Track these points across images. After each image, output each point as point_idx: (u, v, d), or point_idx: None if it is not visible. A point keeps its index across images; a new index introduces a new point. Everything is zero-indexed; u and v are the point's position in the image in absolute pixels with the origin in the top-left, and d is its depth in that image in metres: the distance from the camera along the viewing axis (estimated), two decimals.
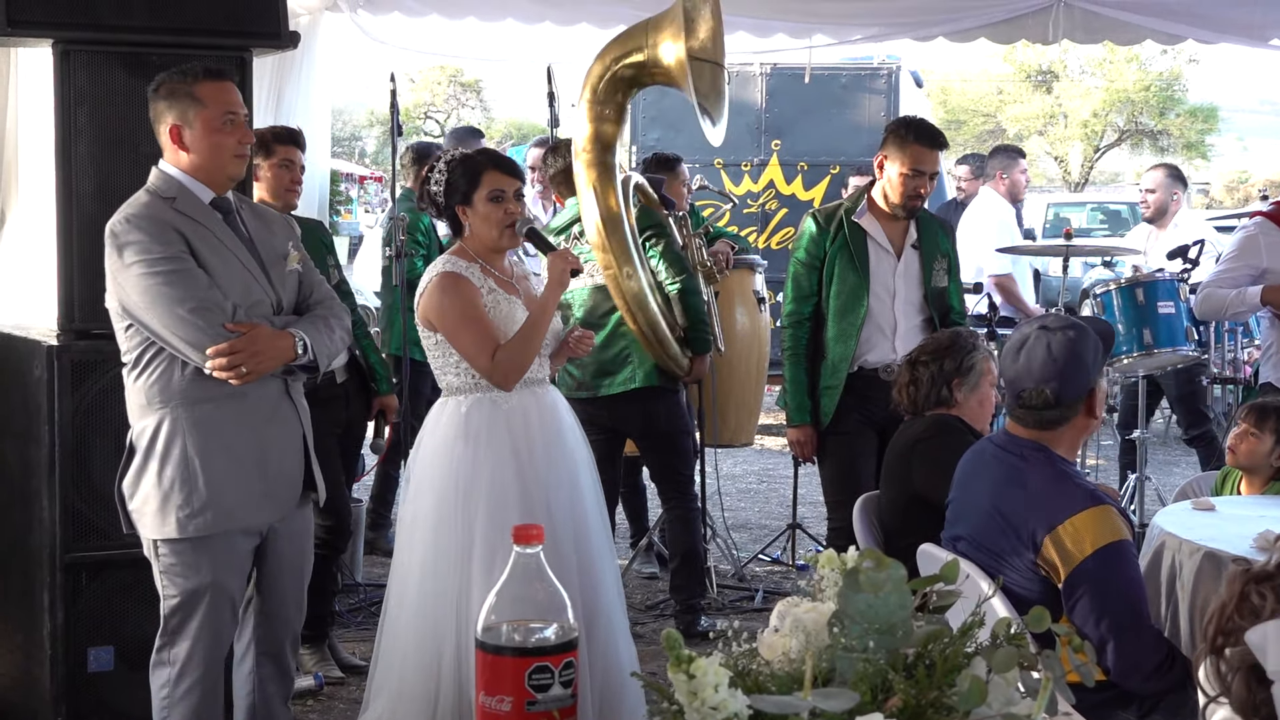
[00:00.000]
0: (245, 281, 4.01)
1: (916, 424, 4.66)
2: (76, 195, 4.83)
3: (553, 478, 4.47)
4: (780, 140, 11.98)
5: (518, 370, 4.46)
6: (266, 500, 4.09)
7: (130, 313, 3.93)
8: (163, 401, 3.95)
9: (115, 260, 3.92)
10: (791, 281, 5.92)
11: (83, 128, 4.82)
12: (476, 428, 4.45)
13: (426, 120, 50.34)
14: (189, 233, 3.94)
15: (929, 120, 6.09)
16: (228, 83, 4.09)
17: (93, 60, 4.81)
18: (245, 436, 4.02)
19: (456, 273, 4.51)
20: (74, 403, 4.71)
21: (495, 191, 4.54)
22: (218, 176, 4.06)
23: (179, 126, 4.02)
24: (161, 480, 3.96)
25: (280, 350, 3.98)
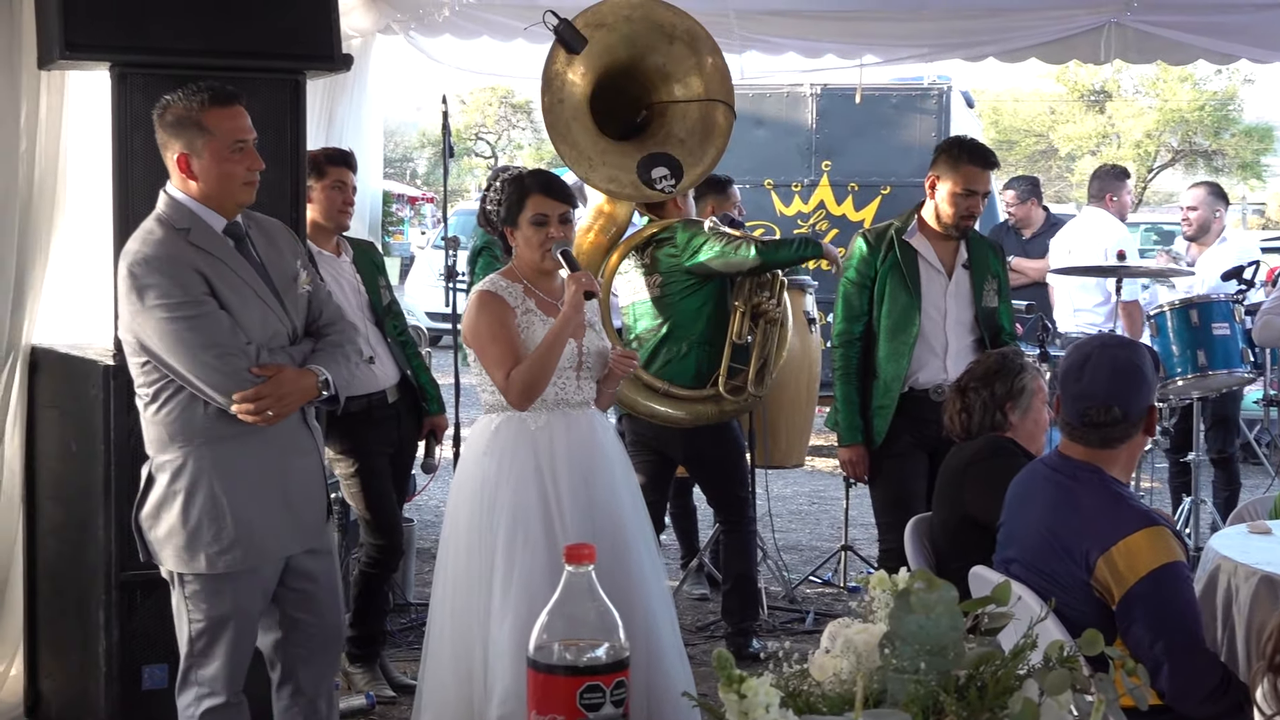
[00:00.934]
0: (263, 314, 3.98)
1: (969, 445, 4.64)
2: (133, 217, 4.87)
3: (579, 501, 4.48)
4: (831, 161, 11.96)
5: (529, 389, 4.48)
6: (293, 530, 4.08)
7: (150, 353, 3.89)
8: (185, 439, 3.93)
9: (134, 301, 3.86)
10: (842, 301, 5.91)
11: (138, 150, 4.86)
12: (502, 445, 4.51)
13: (477, 141, 50.55)
14: (207, 270, 3.89)
15: (980, 140, 6.08)
16: (236, 107, 3.98)
17: (149, 83, 4.86)
18: (269, 470, 4.01)
19: (493, 291, 4.58)
20: (129, 422, 4.75)
21: (538, 215, 4.57)
22: (227, 204, 3.99)
23: (187, 156, 3.94)
24: (188, 517, 3.94)
25: (305, 390, 3.96)
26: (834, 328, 5.94)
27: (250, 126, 4.01)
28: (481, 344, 4.54)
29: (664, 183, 6.03)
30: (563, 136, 5.93)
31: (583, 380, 4.63)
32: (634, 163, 6.02)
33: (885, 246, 5.82)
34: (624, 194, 6.07)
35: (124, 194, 4.89)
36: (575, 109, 5.96)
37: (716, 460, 6.33)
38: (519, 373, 4.47)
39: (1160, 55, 8.50)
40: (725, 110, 6.18)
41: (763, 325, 6.19)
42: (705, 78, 6.16)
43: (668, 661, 4.52)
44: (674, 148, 6.11)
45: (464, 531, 4.48)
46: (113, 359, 4.83)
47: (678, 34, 6.13)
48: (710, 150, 6.17)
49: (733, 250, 6.01)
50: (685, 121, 6.16)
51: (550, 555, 4.32)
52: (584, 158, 5.97)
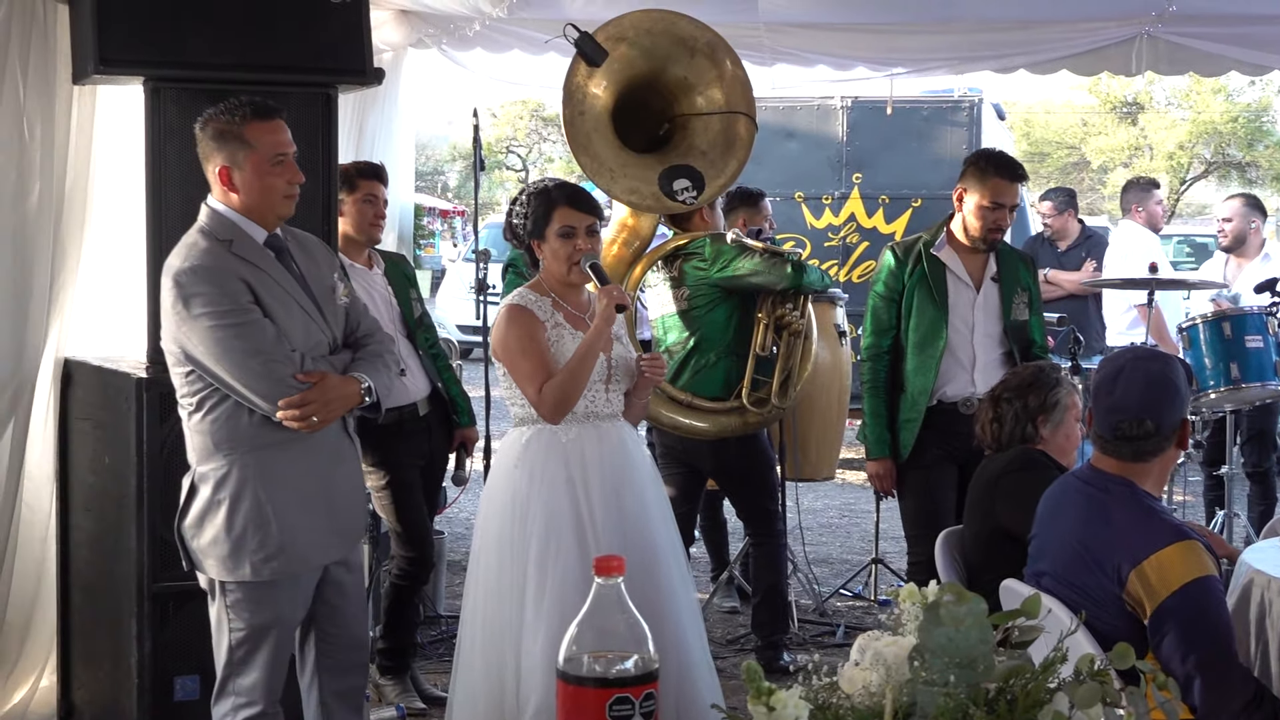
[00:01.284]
0: (305, 324, 4.03)
1: (1000, 457, 4.63)
2: (166, 230, 4.91)
3: (611, 512, 4.49)
4: (861, 173, 11.95)
5: (562, 404, 4.49)
6: (335, 538, 4.13)
7: (195, 361, 3.93)
8: (230, 447, 3.97)
9: (180, 310, 3.91)
10: (870, 315, 5.91)
11: (172, 164, 4.91)
12: (533, 458, 4.52)
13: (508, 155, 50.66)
14: (251, 280, 3.95)
15: (1009, 153, 6.06)
16: (277, 121, 4.04)
17: (182, 97, 4.90)
18: (312, 478, 4.05)
19: (522, 305, 4.59)
20: (162, 434, 4.78)
21: (566, 228, 4.58)
22: (268, 216, 4.05)
23: (228, 168, 4.00)
24: (233, 525, 3.98)
25: (348, 396, 4.02)
26: (863, 341, 5.94)
27: (290, 140, 4.07)
28: (512, 358, 4.56)
29: (685, 194, 6.04)
30: (584, 148, 5.95)
31: (612, 392, 4.65)
32: (655, 175, 6.03)
33: (913, 260, 5.82)
34: (645, 206, 6.08)
35: (157, 207, 4.93)
36: (596, 121, 5.97)
37: (744, 472, 6.33)
38: (551, 387, 4.48)
39: (1192, 67, 8.47)
40: (747, 122, 6.18)
41: (786, 337, 6.18)
42: (726, 89, 6.17)
43: (697, 674, 4.52)
44: (696, 159, 6.12)
45: (495, 544, 4.50)
46: (146, 371, 4.86)
47: (699, 46, 6.15)
48: (732, 162, 6.18)
49: (770, 267, 6.01)
50: (707, 133, 6.17)
51: (583, 567, 4.33)
52: (605, 169, 5.99)
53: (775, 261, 6.04)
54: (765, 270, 6.01)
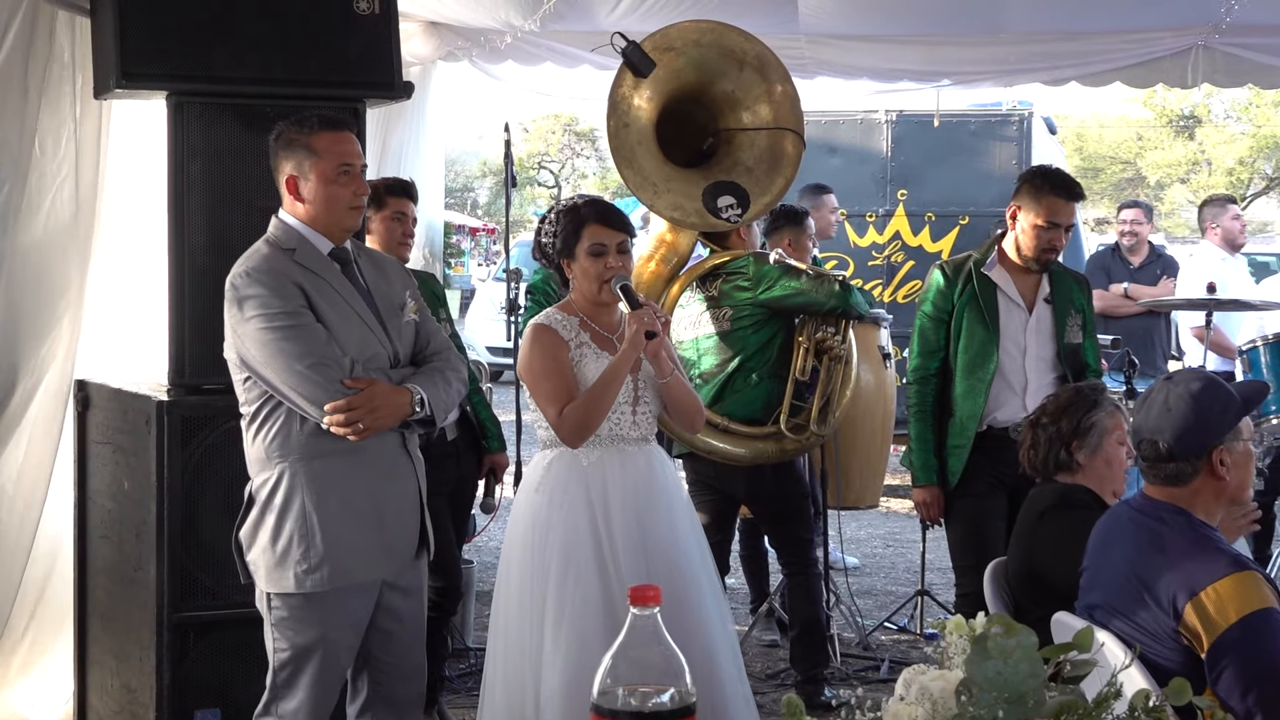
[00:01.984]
0: (362, 335, 4.10)
1: (1044, 493, 4.60)
2: (189, 249, 4.95)
3: (632, 539, 4.48)
4: (906, 190, 11.95)
5: (582, 428, 4.51)
6: (383, 555, 4.16)
7: (249, 366, 4.04)
8: (281, 455, 4.05)
9: (235, 313, 4.04)
10: (918, 336, 5.90)
11: (195, 180, 4.94)
12: (554, 482, 4.54)
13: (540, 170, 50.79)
14: (308, 285, 4.05)
15: (1064, 169, 6.05)
16: (345, 133, 4.18)
17: (206, 112, 4.94)
18: (363, 491, 4.10)
19: (546, 325, 4.62)
20: (183, 459, 4.81)
21: (596, 245, 4.60)
22: (334, 228, 4.17)
23: (295, 178, 4.14)
24: (279, 534, 4.04)
25: (397, 406, 4.07)
26: (909, 363, 5.93)
27: (359, 154, 4.21)
28: (534, 379, 4.59)
29: (730, 212, 6.04)
30: (628, 162, 5.96)
31: (639, 415, 4.65)
32: (699, 191, 6.04)
33: (963, 279, 5.80)
34: (688, 223, 6.08)
35: (180, 225, 4.96)
36: (641, 134, 5.99)
37: (778, 499, 6.29)
38: (572, 410, 4.50)
39: (1251, 78, 8.44)
40: (794, 139, 6.19)
41: (826, 362, 6.16)
42: (775, 105, 6.18)
43: (733, 708, 4.52)
44: (741, 177, 6.12)
45: (517, 570, 4.51)
46: (166, 394, 4.89)
47: (748, 60, 6.15)
48: (778, 180, 6.18)
49: (817, 287, 6.02)
50: (753, 150, 6.17)
51: (603, 595, 4.35)
52: (649, 184, 6.00)
53: (821, 282, 6.05)
54: (811, 290, 6.02)
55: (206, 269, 4.85)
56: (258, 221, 4.34)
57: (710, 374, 6.15)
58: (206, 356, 4.73)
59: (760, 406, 6.11)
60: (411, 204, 5.94)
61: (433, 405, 4.13)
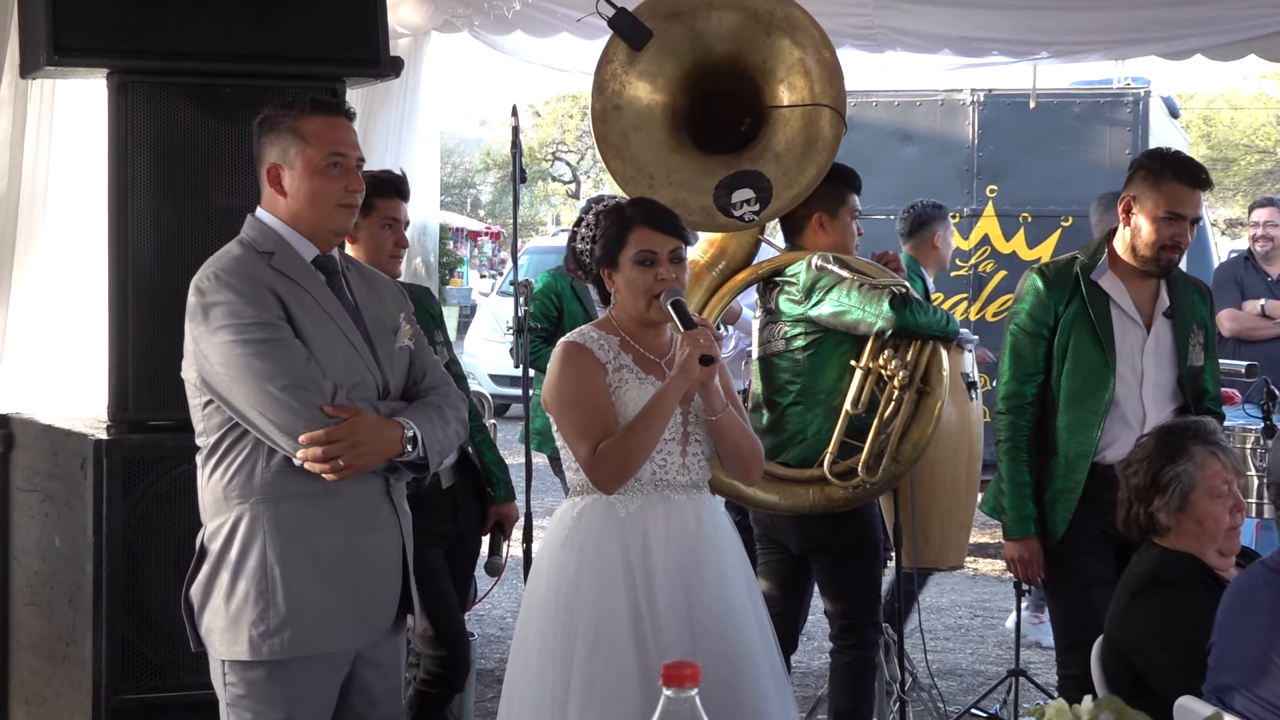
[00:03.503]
0: (347, 357, 4.10)
1: (1139, 569, 4.56)
2: (133, 256, 4.97)
3: (677, 608, 4.46)
4: (997, 185, 11.93)
5: (619, 470, 4.48)
6: (356, 622, 4.15)
7: (212, 387, 4.04)
8: (242, 496, 4.05)
9: (199, 323, 4.03)
10: (1010, 355, 5.80)
11: (141, 175, 4.97)
12: (584, 535, 4.52)
13: (555, 163, 50.95)
14: (286, 296, 4.05)
15: (1188, 154, 6.00)
16: (339, 118, 4.19)
17: (154, 94, 4.97)
18: (336, 543, 4.09)
19: (579, 343, 4.59)
20: (126, 510, 4.82)
21: (644, 254, 4.57)
22: (319, 229, 4.16)
23: (278, 166, 4.14)
24: (234, 590, 4.04)
25: (385, 442, 4.07)
26: (1000, 389, 5.83)
27: (355, 144, 4.20)
28: (562, 408, 4.57)
29: (745, 209, 5.98)
30: (616, 151, 5.94)
31: (689, 457, 4.63)
32: (715, 183, 6.02)
33: (1069, 288, 5.73)
34: (690, 222, 5.96)
35: (123, 228, 4.98)
36: (639, 117, 5.97)
37: (834, 553, 6.12)
38: (609, 448, 4.47)
39: None
40: (833, 118, 6.11)
41: (889, 392, 6.04)
42: (810, 75, 6.13)
43: None
44: (768, 164, 6.07)
45: (535, 640, 4.50)
46: (106, 432, 4.91)
47: (775, 22, 6.11)
48: (809, 168, 6.09)
49: (865, 303, 5.91)
50: (786, 131, 6.12)
51: (641, 674, 4.33)
52: (642, 176, 5.98)
53: (872, 295, 5.91)
54: (858, 307, 5.89)
55: (154, 280, 4.87)
56: (217, 223, 4.38)
57: (768, 402, 6.09)
58: (154, 385, 4.76)
59: (816, 447, 6.02)
60: (403, 204, 5.86)
61: (427, 445, 4.13)
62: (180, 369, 4.11)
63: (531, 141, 47.07)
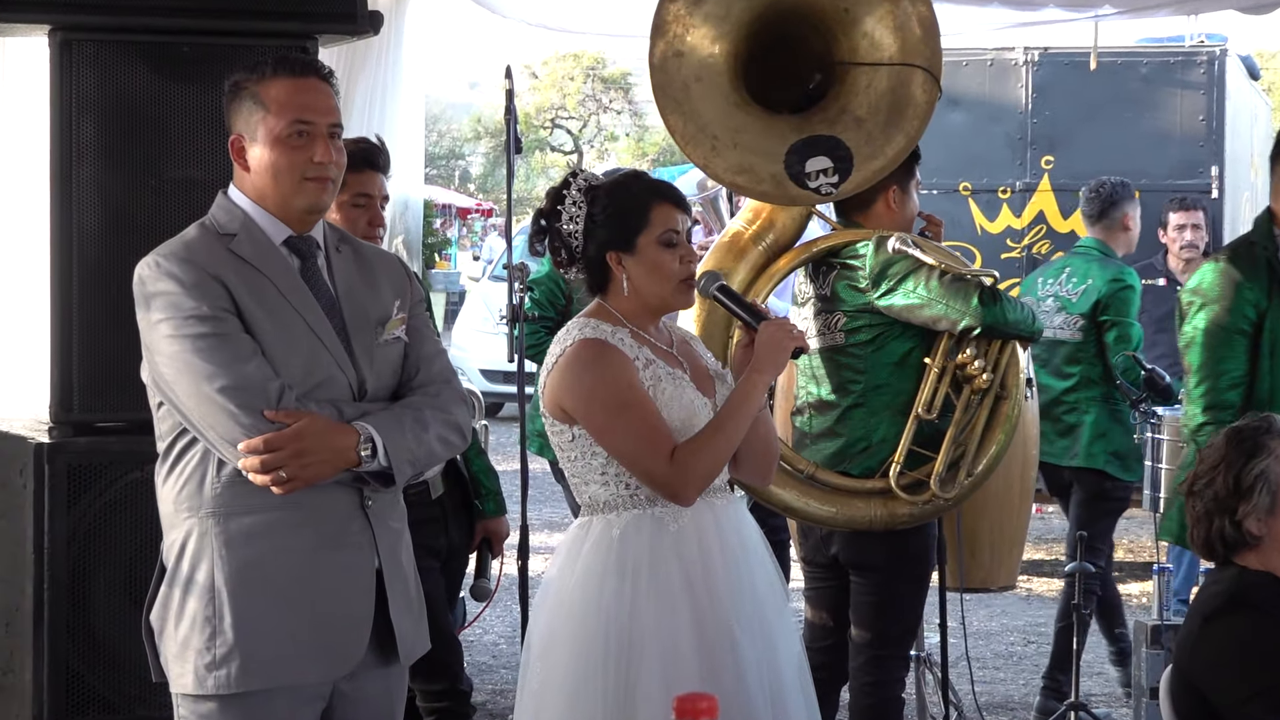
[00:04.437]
0: (310, 353, 4.05)
1: (1218, 585, 4.53)
2: (78, 236, 4.95)
3: (752, 623, 4.45)
4: (1053, 156, 11.90)
5: (704, 477, 4.45)
6: (320, 652, 4.10)
7: (159, 386, 4.03)
8: (191, 509, 4.02)
9: (143, 315, 4.02)
10: (1204, 353, 5.58)
11: (88, 145, 4.95)
12: (636, 559, 4.44)
13: (554, 130, 50.96)
14: (241, 284, 4.00)
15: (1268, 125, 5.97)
16: (309, 80, 4.13)
17: (103, 54, 4.95)
18: (296, 563, 4.04)
19: (602, 340, 4.52)
20: (71, 523, 4.80)
21: (669, 234, 4.53)
22: (290, 208, 4.12)
23: (241, 138, 4.12)
24: (182, 615, 4.02)
25: (336, 451, 4.00)
26: (1192, 392, 5.69)
27: (328, 109, 4.13)
28: (607, 416, 4.47)
29: (821, 180, 5.85)
30: (676, 104, 5.82)
31: None
32: (785, 147, 5.92)
33: (1264, 276, 5.64)
34: (757, 192, 5.92)
35: (66, 205, 4.96)
36: (702, 66, 5.84)
37: (882, 571, 6.04)
38: (693, 454, 4.41)
39: None
40: (926, 81, 6.01)
41: (966, 396, 5.98)
42: (902, 31, 6.03)
43: None
44: (848, 130, 5.96)
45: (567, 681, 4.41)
46: (48, 434, 4.89)
47: None
48: (897, 138, 5.96)
49: (950, 296, 5.81)
50: (869, 93, 6.01)
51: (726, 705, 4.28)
52: (704, 136, 5.86)
53: (957, 288, 5.84)
54: (940, 300, 5.81)
55: (102, 263, 4.86)
56: (173, 198, 4.37)
57: (816, 406, 6.03)
58: (102, 382, 4.75)
59: (880, 455, 5.95)
60: (381, 179, 5.81)
61: (391, 454, 4.03)
62: (138, 367, 4.09)
63: (528, 106, 46.99)
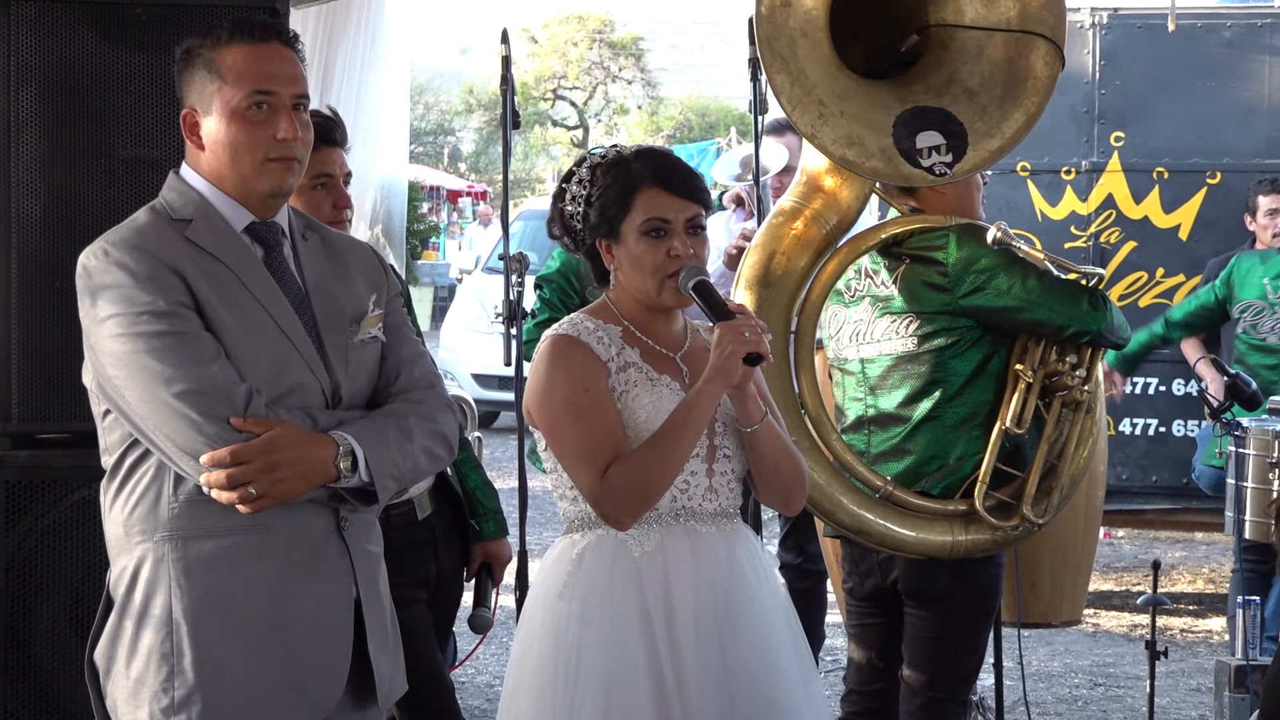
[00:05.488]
0: (279, 355, 4.05)
1: None
2: (18, 223, 4.97)
3: (711, 670, 4.45)
4: (1124, 132, 11.91)
5: (636, 500, 4.45)
6: (291, 694, 4.10)
7: (105, 392, 4.01)
8: (145, 532, 4.01)
9: (88, 310, 3.99)
10: None
11: (29, 120, 4.97)
12: (589, 582, 4.49)
13: (555, 102, 51.00)
14: (199, 276, 3.99)
15: None
16: (270, 45, 4.11)
17: (47, 16, 4.97)
18: (263, 594, 4.05)
19: (572, 337, 4.55)
20: (9, 548, 4.82)
21: (653, 222, 4.52)
22: (248, 191, 4.11)
23: (194, 112, 4.10)
24: (135, 652, 4.01)
25: (312, 464, 3.99)
26: None
27: (291, 76, 4.11)
28: (555, 421, 4.54)
29: (934, 158, 5.76)
30: (783, 62, 5.69)
31: (718, 477, 4.60)
32: (890, 119, 5.83)
33: None
34: (866, 168, 5.82)
35: (3, 185, 4.98)
36: (807, 21, 5.76)
37: (947, 602, 6.01)
38: (623, 472, 4.43)
39: None
40: (1050, 51, 5.96)
41: (1057, 408, 5.93)
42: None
43: None
44: (957, 103, 5.92)
45: (529, 707, 4.50)
46: None
47: None
48: (1015, 114, 5.91)
49: (1055, 298, 5.77)
50: (981, 62, 5.96)
51: None
52: (813, 101, 5.77)
53: (1062, 289, 5.82)
54: (1041, 303, 5.75)
55: (45, 253, 4.88)
56: (124, 180, 4.37)
57: (878, 420, 6.02)
58: (44, 388, 4.77)
59: (960, 474, 5.92)
60: (341, 154, 5.71)
61: (373, 467, 4.03)
62: (80, 371, 4.09)
63: (526, 75, 47.03)
